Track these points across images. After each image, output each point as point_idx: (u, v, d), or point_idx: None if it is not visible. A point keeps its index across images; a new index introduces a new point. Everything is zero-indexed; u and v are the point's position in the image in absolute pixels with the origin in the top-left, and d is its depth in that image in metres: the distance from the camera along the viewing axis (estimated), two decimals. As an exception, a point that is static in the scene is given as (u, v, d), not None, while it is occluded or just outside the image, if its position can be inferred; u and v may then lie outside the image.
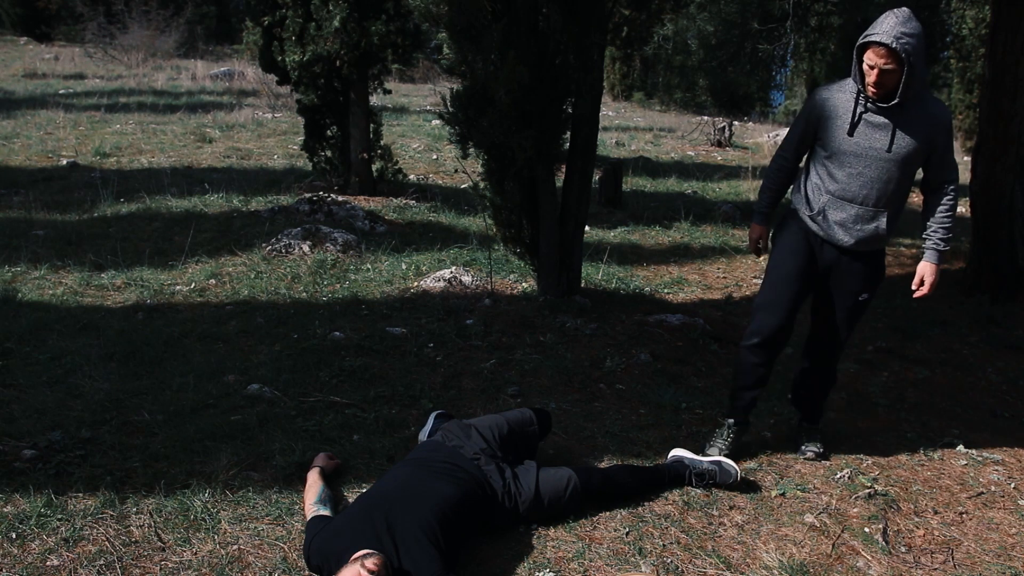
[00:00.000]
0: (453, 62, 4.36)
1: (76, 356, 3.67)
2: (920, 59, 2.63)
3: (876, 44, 2.62)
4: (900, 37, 2.59)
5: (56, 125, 9.08)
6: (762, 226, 3.19)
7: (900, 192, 2.90)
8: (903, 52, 2.59)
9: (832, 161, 2.89)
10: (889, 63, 2.62)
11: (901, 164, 2.81)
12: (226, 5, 22.30)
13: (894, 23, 2.61)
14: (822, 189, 2.94)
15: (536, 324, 4.37)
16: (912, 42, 2.61)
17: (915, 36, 2.61)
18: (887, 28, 2.61)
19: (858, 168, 2.85)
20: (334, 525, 2.37)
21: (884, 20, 2.65)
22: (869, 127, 2.80)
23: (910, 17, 2.64)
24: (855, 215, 2.90)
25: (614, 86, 19.88)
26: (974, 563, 2.67)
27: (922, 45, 2.64)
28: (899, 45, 2.59)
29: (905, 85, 2.66)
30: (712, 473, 2.94)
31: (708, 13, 9.63)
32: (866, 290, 3.02)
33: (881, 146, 2.79)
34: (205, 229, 5.71)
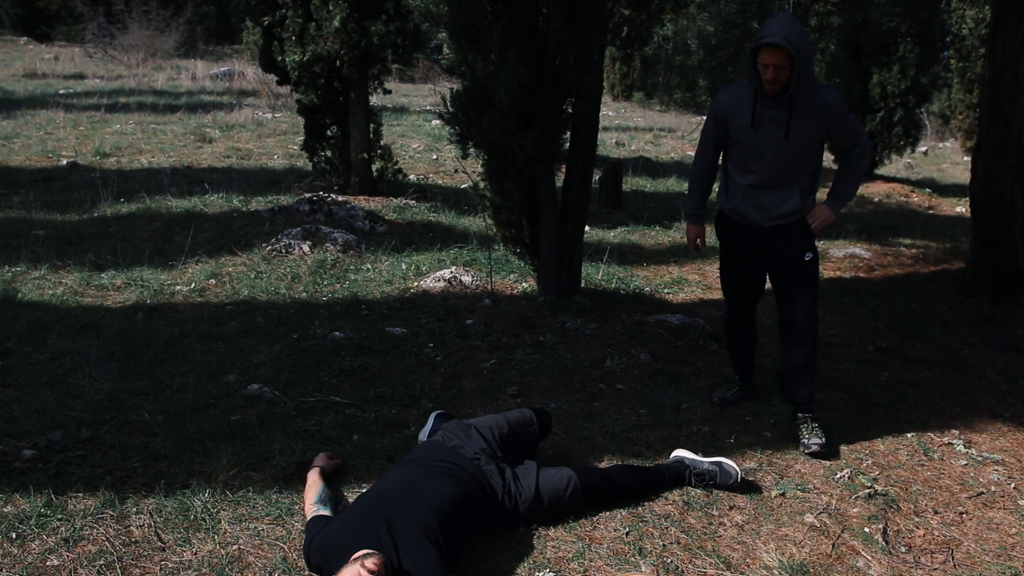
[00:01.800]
0: (453, 62, 4.36)
1: (76, 356, 3.67)
2: (806, 53, 2.90)
3: (768, 45, 2.89)
4: (789, 36, 2.85)
5: (56, 125, 9.08)
6: (696, 226, 3.53)
7: (807, 170, 3.20)
8: (792, 49, 2.85)
9: (742, 155, 3.20)
10: (781, 60, 2.90)
11: (801, 146, 3.11)
12: (226, 5, 22.30)
13: (780, 25, 2.89)
14: (738, 183, 3.25)
15: (536, 324, 4.37)
16: (799, 38, 2.88)
17: (800, 33, 2.89)
18: (775, 29, 2.88)
19: (766, 157, 3.14)
20: (334, 525, 2.37)
21: (771, 24, 2.92)
22: (769, 120, 3.08)
23: (793, 18, 2.96)
24: (771, 198, 3.20)
25: (614, 86, 19.87)
26: (974, 563, 2.67)
27: (806, 41, 2.92)
28: (788, 43, 2.85)
29: (796, 77, 2.94)
30: (712, 473, 2.94)
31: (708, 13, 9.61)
32: (808, 249, 3.24)
33: (780, 135, 3.07)
34: (205, 229, 5.71)
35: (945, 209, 9.56)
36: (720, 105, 3.21)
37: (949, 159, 13.76)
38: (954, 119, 13.29)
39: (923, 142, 13.43)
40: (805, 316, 3.26)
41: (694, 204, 3.49)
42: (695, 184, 3.45)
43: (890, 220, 8.48)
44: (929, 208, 9.60)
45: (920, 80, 9.95)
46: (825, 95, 3.06)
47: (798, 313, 3.27)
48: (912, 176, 11.45)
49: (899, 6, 8.59)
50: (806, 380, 3.34)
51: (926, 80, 10.06)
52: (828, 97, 3.06)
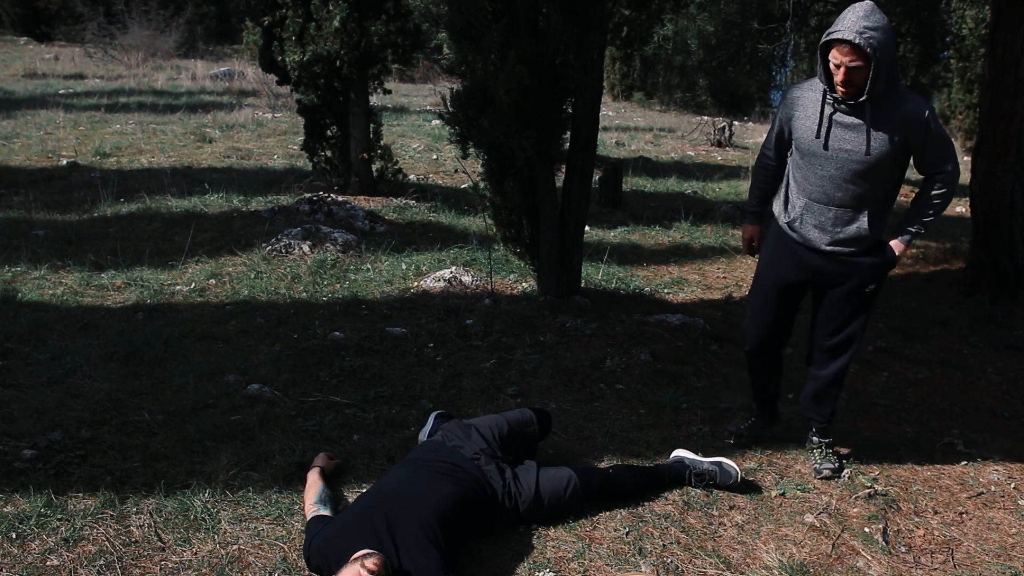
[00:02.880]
0: (453, 62, 4.36)
1: (76, 356, 3.67)
2: (888, 53, 2.52)
3: (839, 42, 2.51)
4: (863, 32, 2.47)
5: (56, 125, 9.08)
6: (754, 225, 3.17)
7: (880, 191, 2.79)
8: (868, 47, 2.47)
9: (805, 163, 2.81)
10: (855, 60, 2.51)
11: (876, 164, 2.69)
12: (226, 5, 22.30)
13: (856, 18, 2.49)
14: (798, 192, 2.87)
15: (536, 324, 4.37)
16: (877, 36, 2.48)
17: (880, 29, 2.49)
18: (849, 24, 2.49)
19: (830, 171, 2.75)
20: (334, 525, 2.37)
21: (846, 16, 2.53)
22: (840, 128, 2.69)
23: (873, 9, 2.52)
24: (833, 217, 2.81)
25: (614, 86, 19.87)
26: (974, 563, 2.67)
27: (889, 38, 2.52)
28: (863, 40, 2.47)
29: (873, 81, 2.55)
30: (712, 474, 2.94)
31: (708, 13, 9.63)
32: (872, 280, 2.88)
33: (853, 147, 2.68)
34: (205, 229, 5.71)
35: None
36: (788, 102, 2.84)
37: (949, 159, 13.75)
38: (954, 119, 13.29)
39: (923, 142, 13.40)
40: (842, 345, 2.97)
41: (754, 202, 3.12)
42: (756, 180, 3.10)
43: (890, 220, 8.47)
44: (929, 208, 9.58)
45: (920, 80, 9.96)
46: (910, 105, 2.62)
47: (833, 342, 2.97)
48: (912, 176, 11.45)
49: (899, 6, 8.60)
50: (830, 401, 3.08)
51: (926, 80, 10.07)
52: (913, 108, 2.62)
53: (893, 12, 8.90)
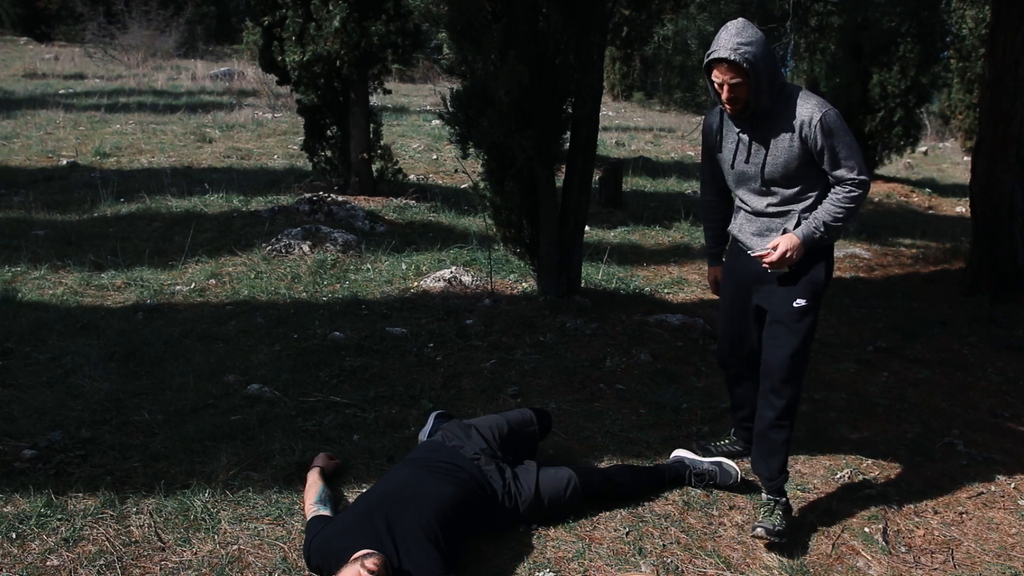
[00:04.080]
0: (453, 62, 4.36)
1: (76, 356, 3.67)
2: (766, 64, 2.51)
3: (717, 61, 2.52)
4: (738, 48, 2.48)
5: (56, 125, 9.08)
6: (714, 266, 3.10)
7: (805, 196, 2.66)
8: (744, 63, 2.47)
9: (732, 181, 2.81)
10: (734, 77, 2.51)
11: (784, 172, 2.62)
12: (226, 5, 22.29)
13: (729, 36, 2.50)
14: (737, 204, 2.86)
15: (536, 324, 4.37)
16: (751, 50, 2.48)
17: (753, 43, 2.49)
18: (724, 42, 2.50)
19: (750, 184, 2.72)
20: (334, 525, 2.37)
21: (720, 35, 2.53)
22: (743, 144, 2.68)
23: (746, 25, 2.53)
24: (764, 226, 2.74)
25: (614, 86, 19.86)
26: (974, 563, 2.67)
27: (764, 50, 2.51)
28: (738, 56, 2.47)
29: (755, 93, 2.53)
30: (712, 474, 2.94)
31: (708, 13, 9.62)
32: (801, 295, 2.65)
33: (757, 160, 2.65)
34: (205, 229, 5.71)
35: (945, 209, 9.56)
36: (703, 131, 2.90)
37: (949, 159, 13.77)
38: (954, 119, 13.29)
39: (923, 142, 13.42)
40: (780, 368, 2.65)
41: (710, 243, 3.09)
42: (705, 223, 3.08)
43: (890, 220, 8.48)
44: (929, 208, 9.60)
45: (920, 80, 9.95)
46: (803, 109, 2.55)
47: (773, 362, 2.67)
48: (912, 176, 11.45)
49: (899, 6, 8.59)
50: (773, 450, 2.71)
51: (926, 80, 10.06)
52: (807, 112, 2.54)
53: (893, 12, 8.91)
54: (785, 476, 2.73)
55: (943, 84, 11.83)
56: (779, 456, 2.71)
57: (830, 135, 2.53)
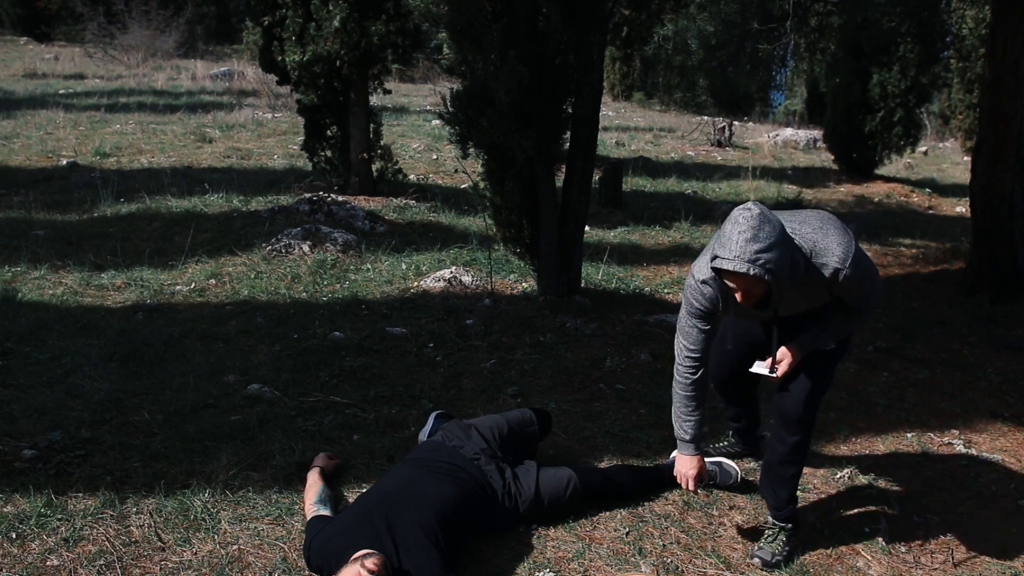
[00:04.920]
0: (453, 62, 4.36)
1: (76, 356, 3.67)
2: (787, 262, 2.12)
3: (729, 273, 2.14)
4: (756, 259, 2.07)
5: (56, 125, 9.08)
6: (698, 455, 2.60)
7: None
8: (767, 275, 2.08)
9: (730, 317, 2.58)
10: (752, 284, 2.16)
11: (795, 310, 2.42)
12: (226, 5, 22.28)
13: (744, 241, 2.07)
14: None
15: (536, 324, 4.37)
16: (771, 256, 2.07)
17: (773, 247, 2.07)
18: (738, 251, 2.08)
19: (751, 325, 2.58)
20: (334, 525, 2.37)
21: (732, 237, 2.10)
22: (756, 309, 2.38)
23: (761, 223, 2.08)
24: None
25: (614, 86, 19.85)
26: (974, 563, 2.67)
27: (783, 249, 2.10)
28: (759, 270, 2.07)
29: (778, 297, 2.25)
30: (712, 474, 2.94)
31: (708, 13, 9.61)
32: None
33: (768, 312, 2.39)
34: (205, 229, 5.71)
35: (945, 209, 9.56)
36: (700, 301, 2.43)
37: (949, 159, 13.76)
38: (954, 119, 13.28)
39: (923, 142, 13.42)
40: (797, 407, 2.50)
41: (693, 428, 2.55)
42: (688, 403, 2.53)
43: (890, 220, 8.48)
44: (929, 208, 9.60)
45: (920, 80, 9.95)
46: (827, 270, 2.24)
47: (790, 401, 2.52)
48: (912, 176, 11.45)
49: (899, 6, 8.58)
50: (783, 483, 2.60)
51: (926, 80, 10.05)
52: (830, 273, 2.24)
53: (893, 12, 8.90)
54: (793, 506, 2.62)
55: (943, 84, 11.83)
56: (787, 488, 2.60)
57: (851, 287, 2.30)
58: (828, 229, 2.27)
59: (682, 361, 2.49)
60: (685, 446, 2.56)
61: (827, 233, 2.25)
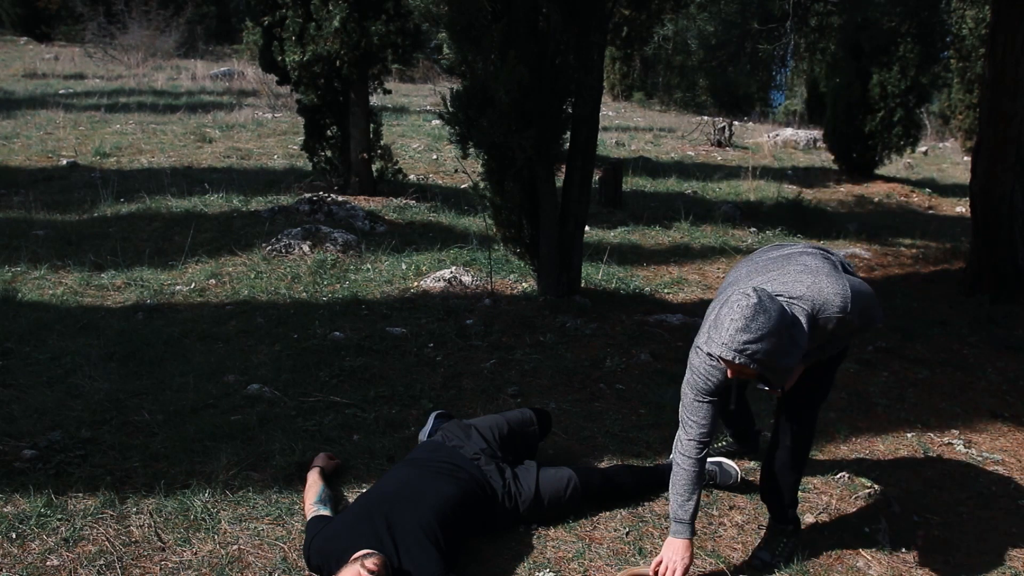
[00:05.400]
0: (453, 62, 4.36)
1: (76, 356, 3.67)
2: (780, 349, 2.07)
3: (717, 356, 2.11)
4: (744, 349, 2.04)
5: (56, 125, 9.08)
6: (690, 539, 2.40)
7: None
8: (752, 364, 2.06)
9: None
10: (743, 371, 2.13)
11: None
12: (226, 5, 22.27)
13: (735, 330, 2.05)
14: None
15: (536, 324, 4.37)
16: (762, 347, 2.04)
17: (764, 338, 2.04)
18: (726, 337, 2.06)
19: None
20: (334, 525, 2.37)
21: (723, 323, 2.07)
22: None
23: (756, 313, 2.04)
24: None
25: (614, 86, 19.85)
26: (974, 563, 2.67)
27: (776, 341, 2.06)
28: (744, 359, 2.05)
29: (773, 383, 2.22)
30: (712, 474, 2.94)
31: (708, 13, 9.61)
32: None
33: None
34: (205, 229, 5.71)
35: (945, 209, 9.56)
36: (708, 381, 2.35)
37: (949, 159, 13.76)
38: (954, 119, 13.28)
39: (923, 142, 13.41)
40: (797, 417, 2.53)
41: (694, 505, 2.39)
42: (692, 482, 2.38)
43: (890, 220, 8.48)
44: (929, 208, 9.60)
45: (920, 80, 9.95)
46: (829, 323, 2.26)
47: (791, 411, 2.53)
48: (912, 176, 11.45)
49: (899, 6, 8.58)
50: (784, 488, 2.59)
51: (926, 80, 10.05)
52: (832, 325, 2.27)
53: (893, 12, 8.89)
54: (793, 509, 2.62)
55: (943, 84, 11.83)
56: (788, 493, 2.60)
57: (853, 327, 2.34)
58: (820, 282, 2.26)
59: (691, 437, 2.37)
60: (682, 529, 2.37)
61: (821, 288, 2.25)
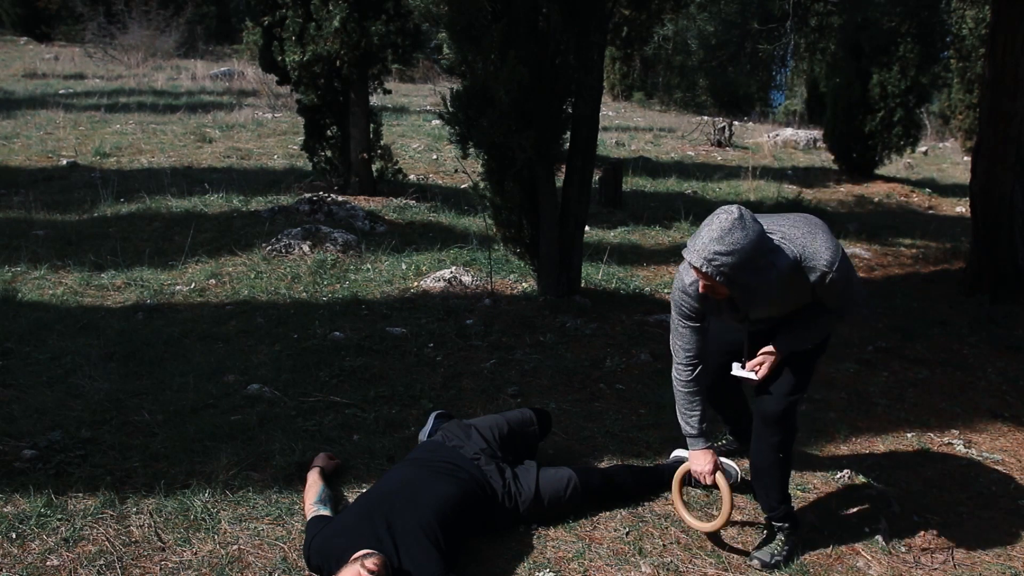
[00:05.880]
0: (453, 62, 4.36)
1: (76, 356, 3.67)
2: (749, 271, 2.15)
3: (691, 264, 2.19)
4: (713, 259, 2.12)
5: (56, 125, 9.08)
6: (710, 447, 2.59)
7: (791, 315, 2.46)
8: (718, 276, 2.14)
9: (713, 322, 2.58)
10: (710, 281, 2.21)
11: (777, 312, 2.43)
12: (226, 5, 22.27)
13: (709, 240, 2.14)
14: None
15: (536, 324, 4.37)
16: (730, 261, 2.11)
17: (734, 253, 2.11)
18: (700, 245, 2.15)
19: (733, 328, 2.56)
20: (334, 525, 2.37)
21: (701, 231, 2.18)
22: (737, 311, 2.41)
23: (733, 227, 2.12)
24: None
25: (614, 86, 19.85)
26: (974, 563, 2.67)
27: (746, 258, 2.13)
28: (711, 268, 2.14)
29: (742, 300, 2.28)
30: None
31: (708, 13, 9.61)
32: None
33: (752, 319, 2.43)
34: (205, 229, 5.71)
35: (945, 209, 9.56)
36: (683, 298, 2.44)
37: (949, 159, 13.76)
38: (954, 119, 13.28)
39: (923, 142, 13.41)
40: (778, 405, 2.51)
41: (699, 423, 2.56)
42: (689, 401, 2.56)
43: (890, 220, 8.48)
44: (929, 208, 9.60)
45: (920, 80, 9.95)
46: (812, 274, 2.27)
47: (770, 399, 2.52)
48: (912, 176, 11.45)
49: (899, 6, 8.58)
50: (772, 484, 2.59)
51: (926, 80, 10.05)
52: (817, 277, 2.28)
53: (893, 12, 8.90)
54: (786, 505, 2.61)
55: (943, 84, 11.83)
56: (777, 488, 2.60)
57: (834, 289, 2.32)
58: (817, 234, 2.31)
59: (679, 360, 2.54)
60: (695, 441, 2.57)
61: (816, 238, 2.30)
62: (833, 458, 3.28)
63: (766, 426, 2.56)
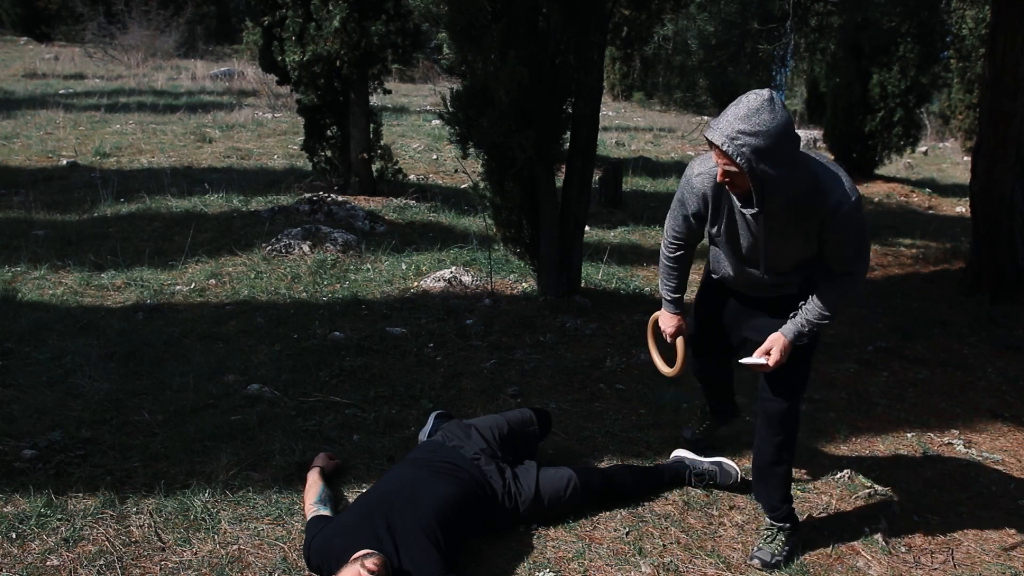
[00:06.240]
0: (453, 62, 4.36)
1: (76, 356, 3.67)
2: (775, 160, 2.03)
3: (713, 145, 2.07)
4: (736, 138, 2.01)
5: (56, 125, 9.08)
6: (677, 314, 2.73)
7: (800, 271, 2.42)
8: (738, 157, 2.02)
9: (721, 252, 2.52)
10: (730, 165, 2.08)
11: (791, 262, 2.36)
12: (226, 5, 22.26)
13: (734, 118, 2.02)
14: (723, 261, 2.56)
15: (536, 324, 4.37)
16: (754, 143, 2.00)
17: (760, 135, 1.99)
18: (724, 123, 2.04)
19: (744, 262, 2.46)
20: (334, 525, 2.37)
21: (727, 110, 2.06)
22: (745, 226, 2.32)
23: (761, 108, 2.01)
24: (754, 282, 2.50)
25: (614, 86, 19.84)
26: (974, 563, 2.67)
27: (774, 143, 2.01)
28: (733, 148, 2.02)
29: (758, 194, 2.11)
30: (712, 474, 2.94)
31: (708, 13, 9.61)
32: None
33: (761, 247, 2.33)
34: (205, 229, 5.71)
35: (945, 209, 9.56)
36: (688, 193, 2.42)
37: (949, 159, 13.76)
38: (954, 119, 13.29)
39: (923, 142, 13.41)
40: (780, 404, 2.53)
41: (671, 290, 2.70)
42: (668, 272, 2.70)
43: (890, 220, 8.48)
44: (929, 208, 9.60)
45: (920, 80, 9.95)
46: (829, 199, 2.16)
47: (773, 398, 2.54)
48: (912, 176, 11.45)
49: (899, 6, 8.58)
50: (774, 483, 2.61)
51: (926, 80, 10.06)
52: (832, 202, 2.16)
53: (893, 12, 8.89)
54: (788, 505, 2.62)
55: (943, 84, 11.83)
56: (780, 488, 2.61)
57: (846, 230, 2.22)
58: (840, 170, 2.24)
59: (667, 238, 2.64)
60: (668, 305, 2.75)
61: (839, 171, 2.22)
62: (833, 458, 3.28)
63: (770, 426, 2.58)
